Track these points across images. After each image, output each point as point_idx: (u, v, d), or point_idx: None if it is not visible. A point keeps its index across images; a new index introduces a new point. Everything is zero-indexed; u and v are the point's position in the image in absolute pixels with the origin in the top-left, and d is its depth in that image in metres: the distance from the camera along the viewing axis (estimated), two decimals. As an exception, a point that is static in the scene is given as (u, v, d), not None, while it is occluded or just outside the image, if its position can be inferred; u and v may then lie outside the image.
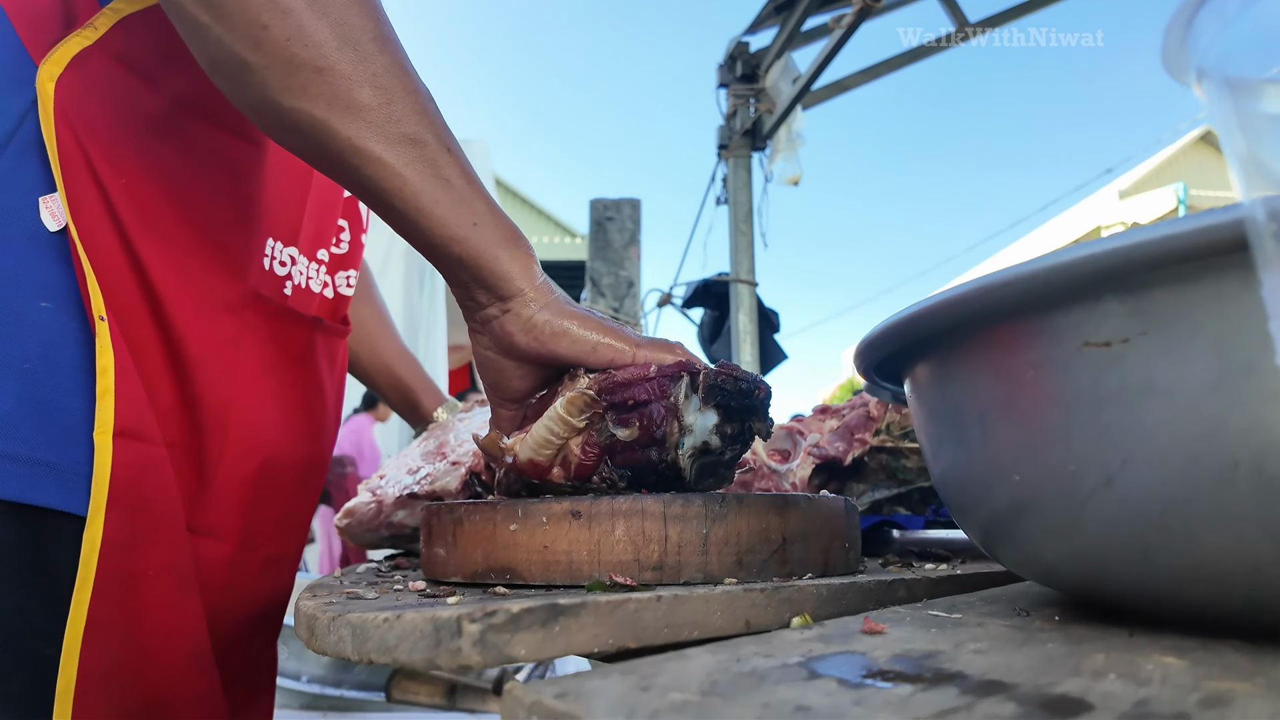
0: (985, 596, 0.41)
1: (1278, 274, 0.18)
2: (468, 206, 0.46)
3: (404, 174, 0.44)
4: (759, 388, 0.48)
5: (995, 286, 0.29)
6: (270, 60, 0.43)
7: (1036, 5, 3.10)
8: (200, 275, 0.60)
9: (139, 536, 0.53)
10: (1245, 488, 0.25)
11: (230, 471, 0.61)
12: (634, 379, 0.46)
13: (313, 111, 0.43)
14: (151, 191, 0.57)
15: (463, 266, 0.47)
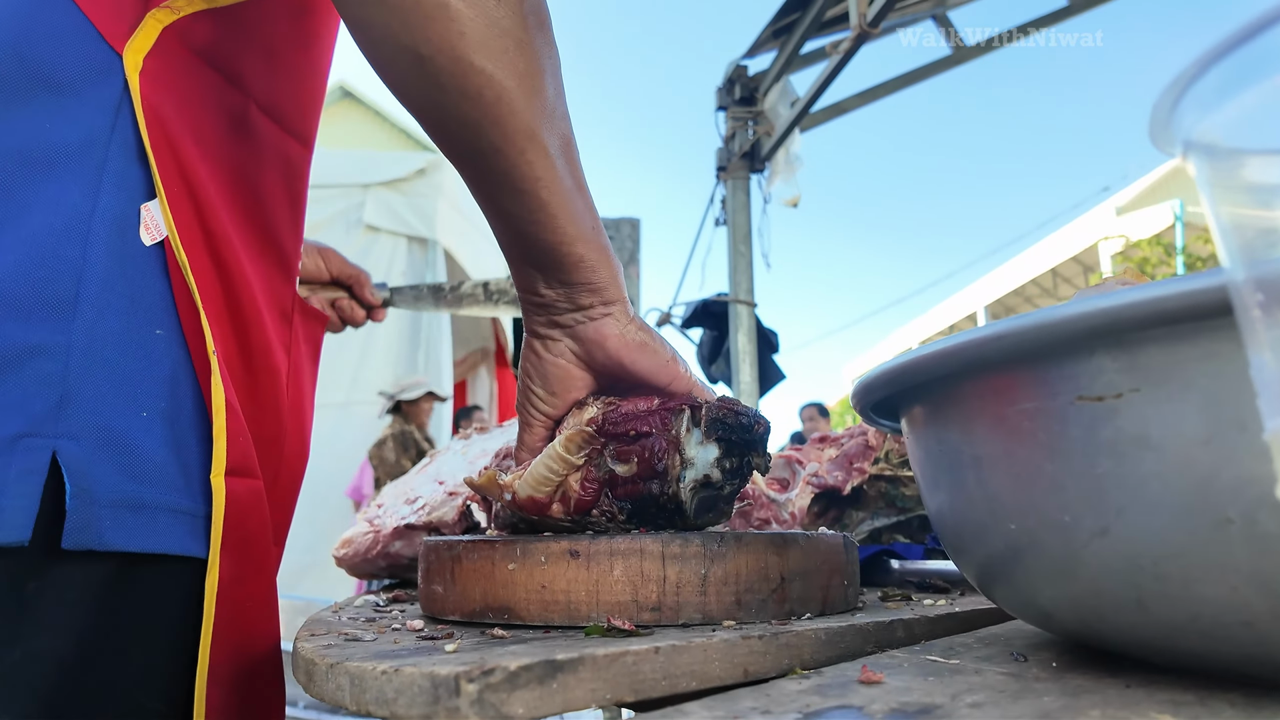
0: (983, 637, 0.41)
1: (1263, 349, 0.18)
2: (592, 213, 0.47)
3: (558, 168, 0.44)
4: (759, 423, 0.48)
5: (989, 340, 0.29)
6: (476, 14, 0.41)
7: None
8: (267, 283, 0.58)
9: (244, 572, 0.52)
10: (1238, 542, 0.25)
11: (286, 482, 0.61)
12: (638, 411, 0.47)
13: (505, 81, 0.42)
14: (232, 194, 0.55)
15: (581, 266, 0.47)
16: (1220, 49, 0.19)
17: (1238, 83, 0.19)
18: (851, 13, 2.33)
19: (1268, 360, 0.18)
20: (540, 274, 0.48)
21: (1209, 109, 0.19)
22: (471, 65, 0.41)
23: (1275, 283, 0.19)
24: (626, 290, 0.50)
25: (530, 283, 0.49)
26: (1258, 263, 0.19)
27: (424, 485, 0.71)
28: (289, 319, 0.61)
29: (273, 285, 0.58)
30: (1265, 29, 0.19)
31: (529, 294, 0.49)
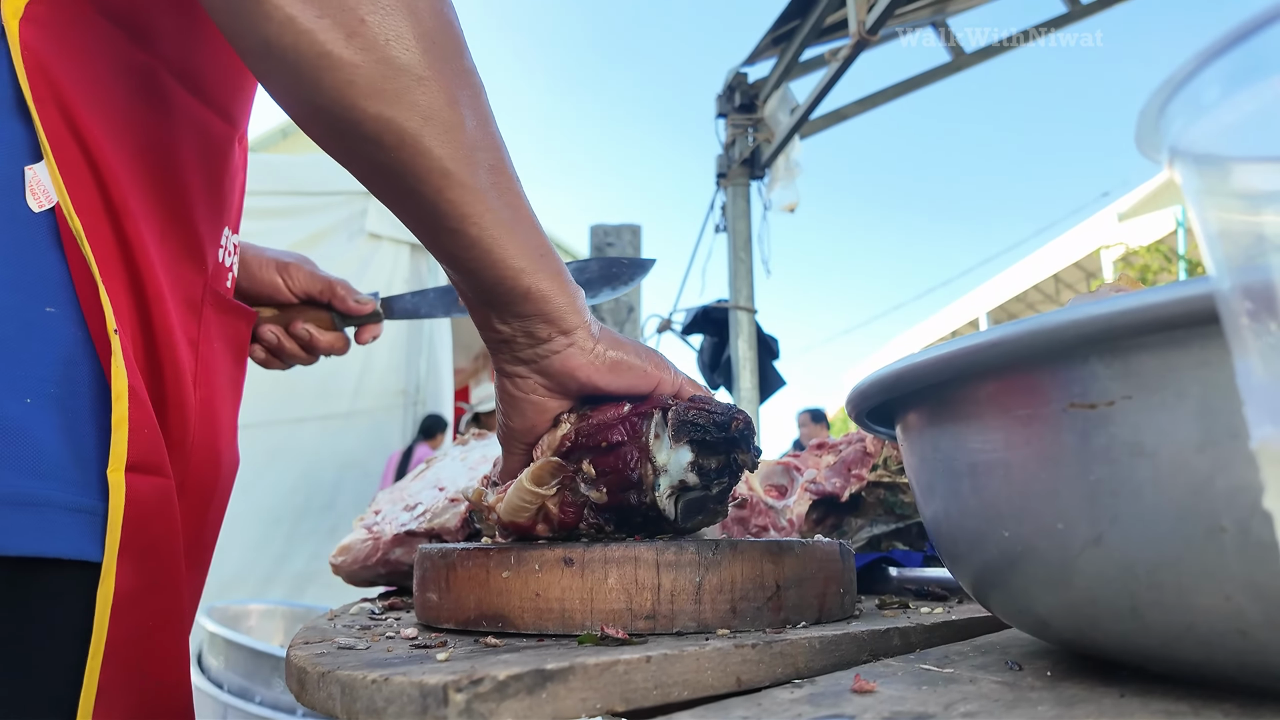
0: (979, 646, 0.40)
1: (1251, 357, 0.18)
2: (535, 238, 0.45)
3: (487, 199, 0.42)
4: (735, 419, 0.46)
5: (982, 346, 0.29)
6: (364, 59, 0.38)
7: (1030, 34, 3.14)
8: (173, 268, 0.52)
9: (147, 585, 0.47)
10: (1232, 550, 0.25)
11: (195, 493, 0.55)
12: (610, 420, 0.46)
13: (406, 124, 0.39)
14: (138, 165, 0.49)
15: (529, 298, 0.44)
16: (1207, 54, 0.19)
17: (1225, 89, 0.19)
18: (850, 20, 2.34)
19: (1255, 368, 0.18)
20: (492, 310, 0.46)
21: (1196, 115, 0.19)
22: (365, 113, 0.39)
23: (1263, 291, 0.19)
24: (588, 312, 0.47)
25: (485, 319, 0.47)
26: (1245, 270, 0.19)
27: (424, 491, 0.71)
28: (197, 311, 0.56)
29: (179, 272, 0.53)
30: (1252, 34, 0.18)
31: (486, 331, 0.47)
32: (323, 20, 0.37)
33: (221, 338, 0.59)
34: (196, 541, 0.57)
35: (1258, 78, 0.19)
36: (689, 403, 0.46)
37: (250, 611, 1.88)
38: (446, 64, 0.40)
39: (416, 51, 0.39)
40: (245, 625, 1.81)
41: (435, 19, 0.40)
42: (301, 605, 1.99)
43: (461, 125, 0.41)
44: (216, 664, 1.54)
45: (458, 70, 0.41)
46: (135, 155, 0.49)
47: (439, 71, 0.40)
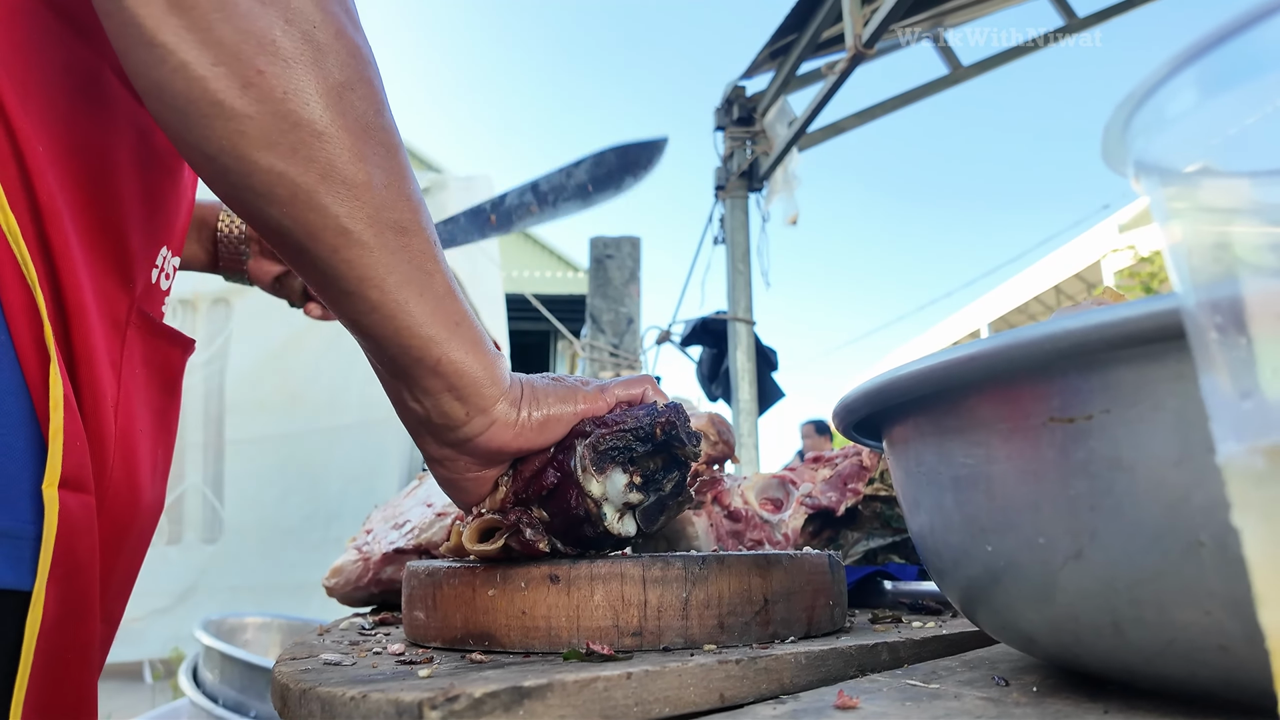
0: (967, 661, 0.40)
1: (1218, 372, 0.18)
2: (448, 304, 0.41)
3: (389, 262, 0.39)
4: (657, 423, 0.44)
5: (961, 361, 0.29)
6: (258, 111, 0.36)
7: (1026, 50, 3.16)
8: (98, 283, 0.49)
9: (71, 611, 0.44)
10: (1210, 565, 0.25)
11: (108, 532, 0.51)
12: (539, 467, 0.44)
13: (299, 179, 0.37)
14: (67, 165, 0.46)
15: (439, 372, 0.41)
16: (1169, 69, 0.19)
17: (1188, 103, 0.19)
18: (847, 34, 2.35)
19: (1222, 383, 0.18)
20: (403, 385, 0.43)
21: (1160, 129, 0.19)
22: (257, 165, 0.37)
23: (1231, 305, 0.19)
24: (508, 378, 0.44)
25: (398, 396, 0.44)
26: (1214, 285, 0.19)
27: (412, 509, 0.71)
28: (121, 332, 0.52)
29: (105, 288, 0.49)
30: (1213, 48, 0.19)
31: (402, 410, 0.44)
32: (218, 69, 0.36)
33: (147, 364, 0.56)
34: (106, 587, 0.52)
35: (1221, 92, 0.19)
36: (601, 427, 0.44)
37: (247, 625, 1.87)
38: (354, 120, 0.38)
39: (318, 106, 0.37)
40: (241, 639, 1.81)
41: (344, 71, 0.38)
42: (299, 618, 1.98)
43: (366, 183, 0.38)
44: (211, 678, 1.53)
45: (367, 126, 0.39)
46: (67, 155, 0.46)
47: (343, 127, 0.38)
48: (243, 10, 0.35)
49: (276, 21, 0.36)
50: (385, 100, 0.41)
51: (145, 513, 0.56)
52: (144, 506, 0.55)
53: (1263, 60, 0.18)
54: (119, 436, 0.51)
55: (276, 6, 0.36)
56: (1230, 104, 0.19)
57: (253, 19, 0.36)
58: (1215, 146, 0.19)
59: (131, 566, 0.57)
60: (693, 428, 0.46)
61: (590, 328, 3.46)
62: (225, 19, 0.35)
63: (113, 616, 0.55)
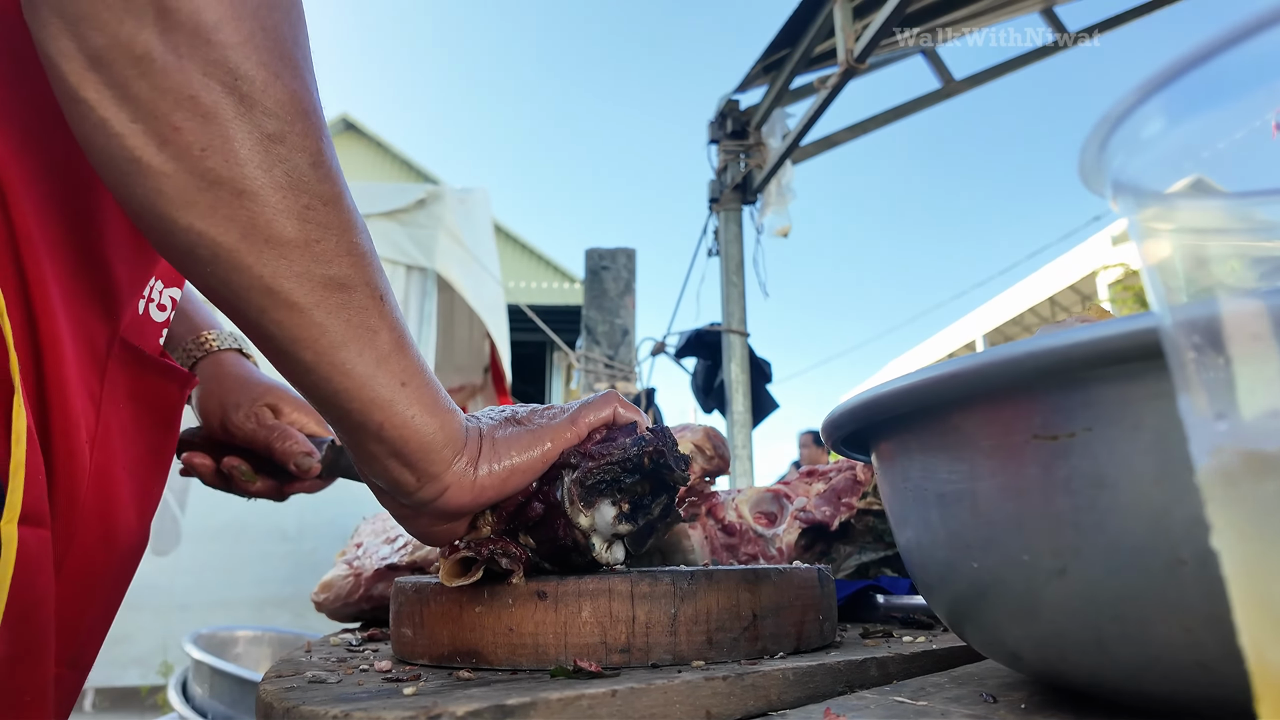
0: (956, 677, 0.40)
1: (1195, 392, 0.18)
2: (395, 363, 0.39)
3: (323, 323, 0.37)
4: (645, 452, 0.43)
5: (943, 378, 0.29)
6: (175, 169, 0.35)
7: (1019, 64, 3.19)
8: (76, 313, 0.47)
9: (22, 651, 0.42)
10: (1191, 583, 0.25)
11: (77, 572, 0.49)
12: (523, 500, 0.43)
13: (220, 239, 0.35)
14: (46, 191, 0.45)
15: (381, 439, 0.39)
16: (1146, 89, 0.19)
17: (1165, 123, 0.19)
18: (839, 49, 2.37)
19: (1200, 403, 0.18)
20: (355, 452, 0.42)
21: (1137, 150, 0.19)
22: (176, 224, 0.35)
23: (1209, 325, 0.19)
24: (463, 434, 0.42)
25: (359, 464, 0.42)
26: (1191, 305, 0.19)
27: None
28: (100, 365, 0.50)
29: (83, 317, 0.48)
30: (1191, 69, 0.19)
31: (361, 469, 0.43)
32: (135, 125, 0.34)
33: (135, 398, 0.54)
34: (72, 631, 0.50)
35: (1197, 113, 0.19)
36: (588, 460, 0.43)
37: (238, 638, 1.86)
38: (282, 174, 0.36)
39: (240, 162, 0.35)
40: (232, 652, 1.79)
41: (274, 123, 0.36)
42: (290, 632, 1.96)
43: (294, 240, 0.36)
44: (201, 692, 1.52)
45: (299, 180, 0.36)
46: (46, 181, 0.45)
47: (268, 183, 0.36)
48: (159, 65, 0.34)
49: (195, 75, 0.34)
50: (325, 148, 0.38)
51: (123, 553, 0.53)
52: (122, 546, 0.53)
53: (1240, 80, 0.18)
54: (94, 472, 0.49)
55: (195, 58, 0.34)
56: (1207, 124, 0.19)
57: (169, 74, 0.34)
58: (1200, 163, 0.20)
59: (105, 609, 0.54)
60: (685, 445, 0.46)
61: (585, 339, 3.46)
62: (141, 75, 0.34)
63: (80, 662, 0.53)
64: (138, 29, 0.33)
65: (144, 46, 0.33)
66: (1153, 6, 3.08)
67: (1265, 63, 0.18)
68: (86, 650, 0.53)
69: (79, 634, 0.51)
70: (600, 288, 3.45)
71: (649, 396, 3.07)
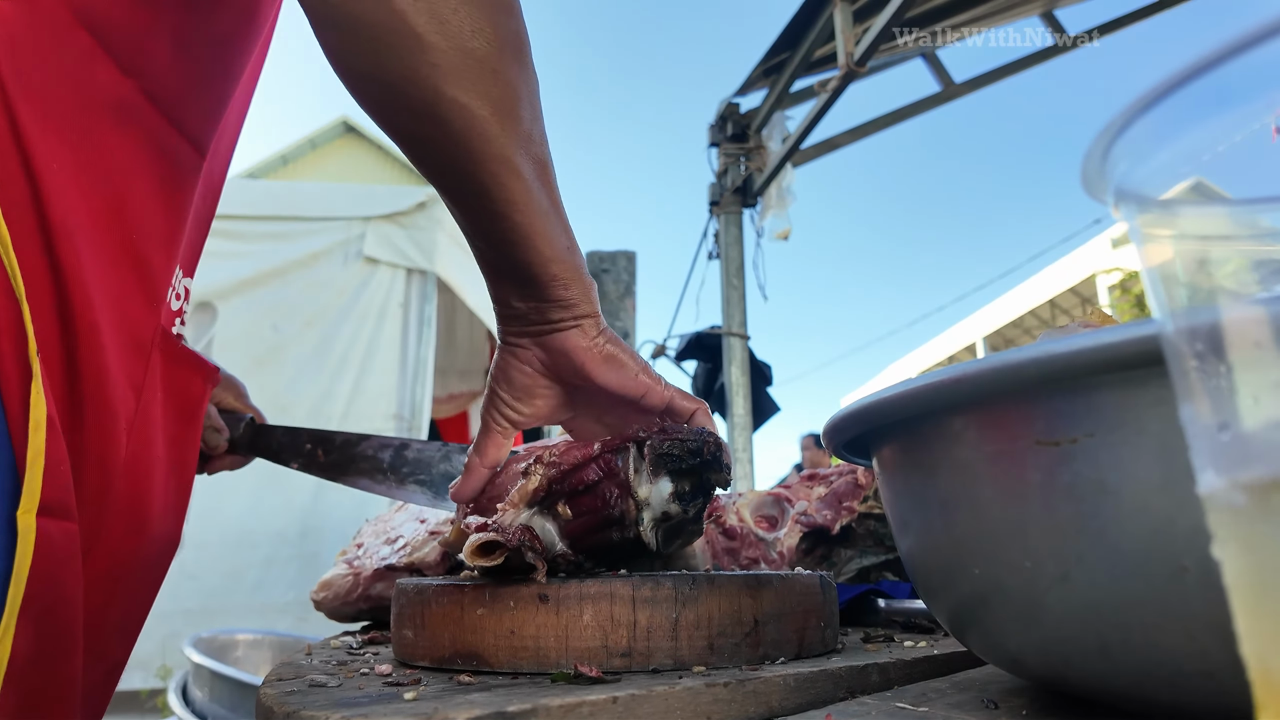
0: (958, 682, 0.40)
1: (1197, 401, 0.18)
2: (567, 232, 0.48)
3: (533, 191, 0.45)
4: (707, 442, 0.47)
5: (946, 384, 0.29)
6: (450, 45, 0.40)
7: (1018, 67, 3.19)
8: (119, 300, 0.48)
9: (47, 646, 0.42)
10: (1195, 590, 0.25)
11: (105, 562, 0.49)
12: (582, 460, 0.46)
13: (477, 110, 0.42)
14: (84, 182, 0.46)
15: (552, 285, 0.48)
16: (1150, 97, 0.19)
17: (1168, 132, 0.19)
18: (839, 52, 2.37)
19: (1202, 412, 0.18)
20: (516, 288, 0.49)
21: (1139, 158, 0.19)
22: (443, 94, 0.41)
23: (1211, 332, 0.19)
24: (598, 306, 0.51)
25: (504, 295, 0.49)
26: (1192, 311, 0.19)
27: (405, 524, 0.71)
28: (145, 354, 0.51)
29: (125, 305, 0.49)
30: (1199, 75, 0.19)
31: (503, 305, 0.50)
32: (419, 3, 0.39)
33: (167, 389, 0.55)
34: (98, 623, 0.49)
35: (1197, 121, 0.19)
36: (660, 434, 0.47)
37: (238, 642, 1.86)
38: (515, 61, 0.43)
39: (495, 46, 0.42)
40: (232, 656, 1.79)
41: (510, 19, 0.43)
42: (290, 635, 1.96)
43: (521, 118, 0.43)
44: (201, 696, 1.52)
45: (524, 67, 0.44)
46: (88, 173, 0.46)
47: (508, 67, 0.42)
48: None
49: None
50: (530, 44, 0.45)
51: (155, 544, 0.54)
52: (153, 537, 0.53)
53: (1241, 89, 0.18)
54: (129, 461, 0.49)
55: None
56: (1207, 129, 0.19)
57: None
58: (1200, 166, 0.20)
59: (138, 602, 0.55)
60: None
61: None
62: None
63: (109, 653, 0.53)
64: None
65: None
66: (1152, 10, 3.08)
67: (1265, 72, 0.18)
68: (116, 644, 0.54)
69: (105, 626, 0.51)
70: (600, 290, 3.45)
71: (649, 399, 3.07)
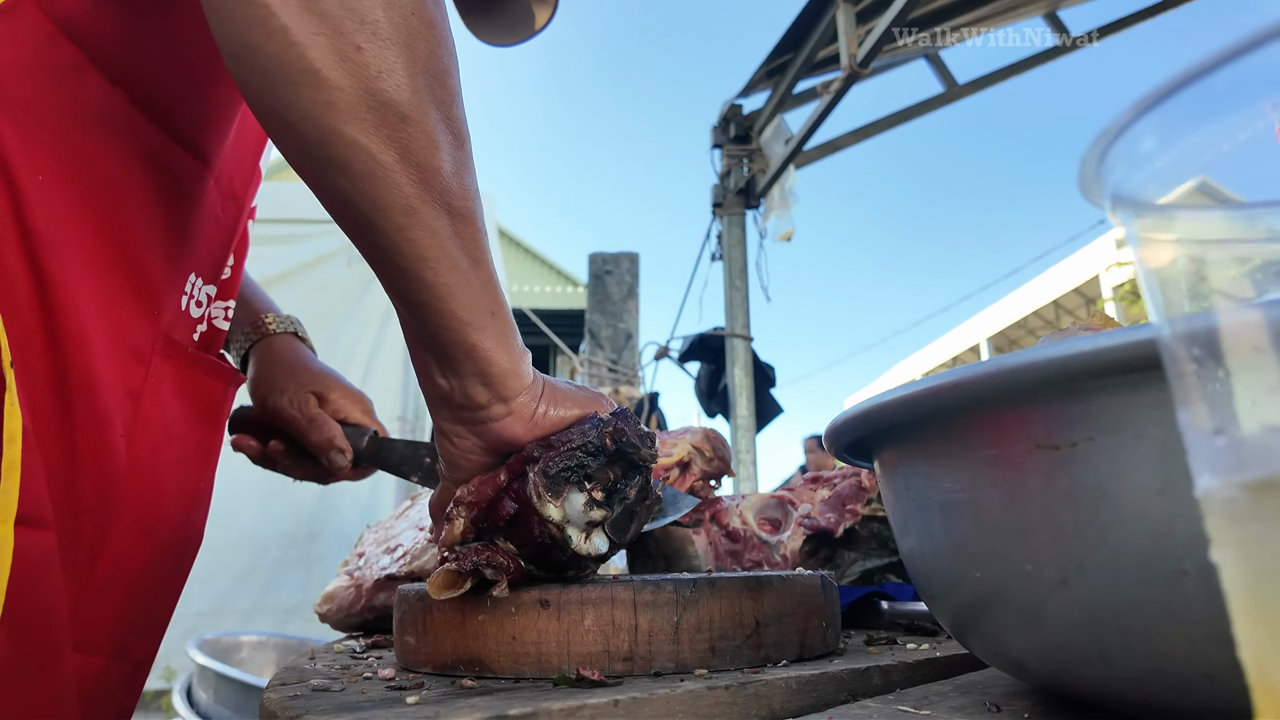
0: (960, 685, 0.40)
1: (1195, 405, 0.18)
2: (491, 293, 0.43)
3: (447, 247, 0.40)
4: (604, 434, 0.44)
5: (944, 388, 0.29)
6: (352, 85, 0.37)
7: (1021, 68, 3.19)
8: (112, 308, 0.48)
9: (24, 658, 0.42)
10: (1195, 594, 0.25)
11: (114, 564, 0.49)
12: (495, 495, 0.43)
13: (380, 156, 0.38)
14: (72, 193, 0.46)
15: (471, 356, 0.43)
16: (1145, 103, 0.19)
17: (1164, 137, 0.19)
18: (842, 54, 2.37)
19: (1199, 416, 0.18)
20: (435, 360, 0.44)
21: (1135, 163, 0.19)
22: (341, 136, 0.37)
23: (1209, 336, 0.19)
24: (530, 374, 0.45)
25: (425, 367, 0.45)
26: (1190, 316, 0.19)
27: (404, 532, 0.71)
28: (144, 360, 0.51)
29: (118, 313, 0.49)
30: (1197, 80, 0.19)
31: (427, 383, 0.46)
32: (318, 38, 0.36)
33: (181, 394, 0.55)
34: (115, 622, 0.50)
35: (1196, 126, 0.19)
36: (548, 449, 0.44)
37: (242, 644, 1.86)
38: (434, 106, 0.39)
39: (406, 89, 0.38)
40: (236, 658, 1.79)
41: (432, 59, 0.39)
42: (294, 637, 1.97)
43: (438, 169, 0.39)
44: (206, 698, 1.52)
45: (445, 116, 0.40)
46: (75, 183, 0.46)
47: (425, 113, 0.39)
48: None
49: (379, 2, 0.37)
50: (460, 92, 0.42)
51: (173, 545, 0.54)
52: (168, 539, 0.53)
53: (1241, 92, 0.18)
54: (132, 466, 0.49)
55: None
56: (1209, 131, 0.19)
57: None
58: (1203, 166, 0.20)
59: (158, 602, 0.55)
60: (684, 447, 0.46)
61: (589, 343, 3.46)
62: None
63: (131, 653, 0.53)
64: None
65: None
66: (1155, 10, 3.08)
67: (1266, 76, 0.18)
68: (138, 644, 0.54)
69: (124, 624, 0.51)
70: (603, 292, 3.46)
71: (653, 401, 3.08)
